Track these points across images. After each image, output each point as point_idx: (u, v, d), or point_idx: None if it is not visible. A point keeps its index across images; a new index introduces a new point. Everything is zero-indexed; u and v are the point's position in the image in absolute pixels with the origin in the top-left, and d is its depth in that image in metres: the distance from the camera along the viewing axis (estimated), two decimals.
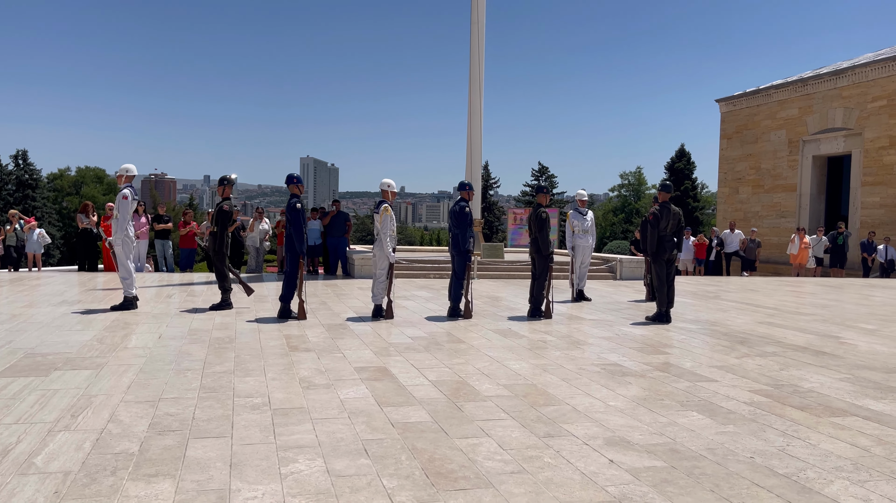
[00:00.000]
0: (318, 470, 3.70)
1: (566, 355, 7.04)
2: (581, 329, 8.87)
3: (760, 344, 7.96)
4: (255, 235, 17.49)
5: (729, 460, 4.00)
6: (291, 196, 9.37)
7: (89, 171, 68.50)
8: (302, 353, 6.80)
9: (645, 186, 64.83)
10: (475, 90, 17.95)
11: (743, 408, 5.12)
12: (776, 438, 4.42)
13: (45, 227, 41.35)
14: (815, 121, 26.17)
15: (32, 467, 3.64)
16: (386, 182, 9.50)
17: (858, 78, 24.53)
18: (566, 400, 5.26)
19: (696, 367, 6.57)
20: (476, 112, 18.03)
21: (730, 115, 30.33)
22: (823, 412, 5.08)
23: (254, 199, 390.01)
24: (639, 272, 16.61)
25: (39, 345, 6.93)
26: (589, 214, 12.25)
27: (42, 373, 5.70)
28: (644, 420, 4.77)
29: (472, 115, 18.12)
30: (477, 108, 18.01)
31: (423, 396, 5.25)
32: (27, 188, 52.22)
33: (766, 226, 27.69)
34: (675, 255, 9.77)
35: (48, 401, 4.88)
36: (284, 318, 9.03)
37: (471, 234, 9.69)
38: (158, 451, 3.92)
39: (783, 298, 13.19)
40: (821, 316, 10.67)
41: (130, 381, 5.51)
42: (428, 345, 7.45)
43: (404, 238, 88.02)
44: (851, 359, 7.18)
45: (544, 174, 61.49)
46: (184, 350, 6.84)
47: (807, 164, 26.73)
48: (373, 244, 9.64)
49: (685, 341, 8.08)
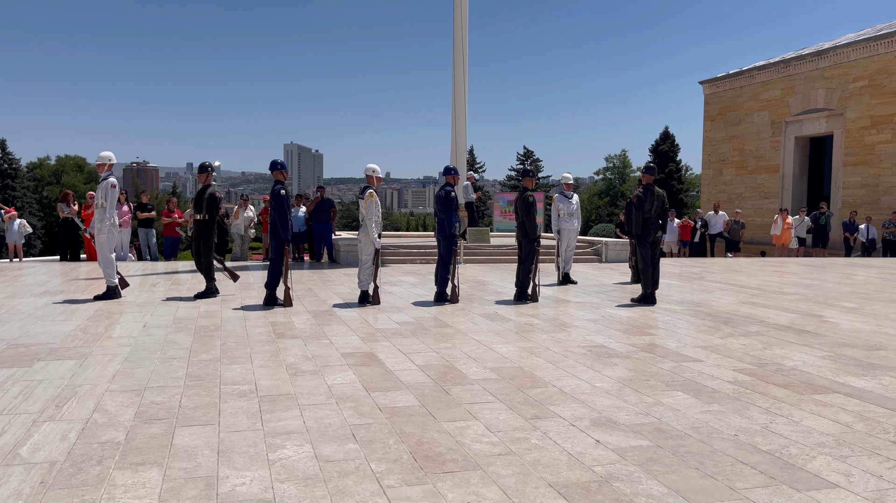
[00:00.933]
0: (306, 455, 3.70)
1: (552, 338, 7.07)
2: (567, 312, 8.91)
3: (744, 324, 8.04)
4: (240, 223, 17.38)
5: (713, 438, 4.05)
6: (276, 183, 9.31)
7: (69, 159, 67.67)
8: (288, 340, 6.79)
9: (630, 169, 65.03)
10: (459, 75, 17.86)
11: (727, 387, 5.17)
12: (760, 416, 4.48)
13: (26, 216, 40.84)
14: (797, 102, 26.31)
15: (18, 458, 3.62)
16: (371, 167, 9.46)
17: (840, 58, 24.67)
18: (553, 382, 5.29)
19: (681, 348, 6.63)
20: (460, 97, 17.95)
21: (713, 97, 30.43)
22: (806, 390, 5.14)
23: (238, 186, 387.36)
24: (624, 255, 16.69)
25: (22, 335, 6.87)
26: (574, 198, 12.27)
27: (25, 364, 5.65)
28: (630, 400, 4.81)
29: (456, 99, 18.05)
30: (461, 93, 17.94)
31: (410, 381, 5.26)
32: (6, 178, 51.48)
33: (750, 207, 27.89)
34: (660, 237, 9.82)
35: (32, 392, 4.84)
36: (270, 306, 9.00)
37: (457, 218, 9.69)
38: (145, 440, 3.90)
39: (766, 278, 13.31)
40: (803, 295, 10.78)
41: (115, 371, 5.48)
42: (415, 330, 7.46)
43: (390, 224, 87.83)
44: (833, 337, 7.27)
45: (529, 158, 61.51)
46: (169, 338, 6.81)
47: (789, 145, 26.91)
48: (358, 230, 9.61)
49: (670, 322, 8.15)
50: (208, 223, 9.71)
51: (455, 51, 17.87)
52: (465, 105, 18.04)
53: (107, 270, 9.42)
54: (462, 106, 18.00)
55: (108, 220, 9.36)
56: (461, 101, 17.97)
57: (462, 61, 17.84)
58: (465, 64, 17.95)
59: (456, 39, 17.84)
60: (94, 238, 9.77)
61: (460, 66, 17.83)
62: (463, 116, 18.03)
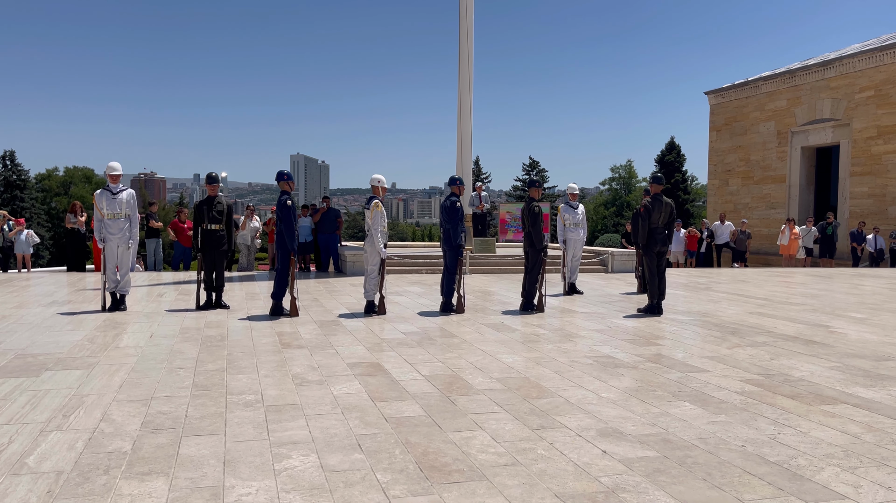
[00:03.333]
0: (311, 465, 3.70)
1: (559, 348, 7.06)
2: (573, 322, 8.89)
3: (751, 334, 8.01)
4: (247, 233, 17.44)
5: (721, 449, 4.03)
6: (282, 193, 9.34)
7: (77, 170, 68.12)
8: (294, 350, 6.80)
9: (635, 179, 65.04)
10: (465, 86, 17.93)
11: (734, 398, 5.15)
12: (767, 427, 4.46)
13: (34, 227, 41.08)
14: (803, 112, 26.29)
15: (25, 467, 3.63)
16: (376, 178, 9.49)
17: (846, 69, 24.65)
18: (559, 392, 5.28)
19: (688, 358, 6.60)
20: (466, 107, 18.02)
21: (719, 108, 30.43)
22: (814, 400, 5.12)
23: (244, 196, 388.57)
24: (630, 265, 16.66)
25: (30, 345, 6.90)
26: (580, 208, 12.27)
27: (33, 374, 5.67)
28: (636, 411, 4.79)
29: (461, 110, 18.11)
30: (467, 104, 18.00)
31: (416, 391, 5.26)
32: (15, 189, 51.85)
33: (756, 217, 27.82)
34: (667, 248, 9.80)
35: (40, 402, 4.86)
36: (276, 316, 9.02)
37: (462, 228, 9.70)
38: (151, 450, 3.91)
39: (773, 289, 13.26)
40: (811, 305, 10.74)
41: (122, 380, 5.49)
42: (421, 340, 7.45)
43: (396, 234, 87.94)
44: (841, 347, 7.24)
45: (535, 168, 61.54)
46: (176, 348, 6.82)
47: (796, 156, 26.86)
48: (364, 240, 9.63)
49: (677, 332, 8.12)
50: (227, 234, 9.75)
51: (461, 61, 17.95)
52: (470, 116, 18.10)
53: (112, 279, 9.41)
54: (468, 117, 18.06)
55: (135, 229, 9.51)
56: (467, 112, 18.04)
57: (468, 72, 17.92)
58: (471, 75, 18.03)
59: (462, 51, 17.93)
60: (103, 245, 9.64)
61: (466, 78, 17.91)
62: (468, 127, 18.08)
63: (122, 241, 9.39)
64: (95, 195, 9.50)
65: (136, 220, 9.56)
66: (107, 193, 9.38)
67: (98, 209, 9.36)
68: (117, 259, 9.41)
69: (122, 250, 9.42)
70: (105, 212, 9.34)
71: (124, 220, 9.39)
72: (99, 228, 9.37)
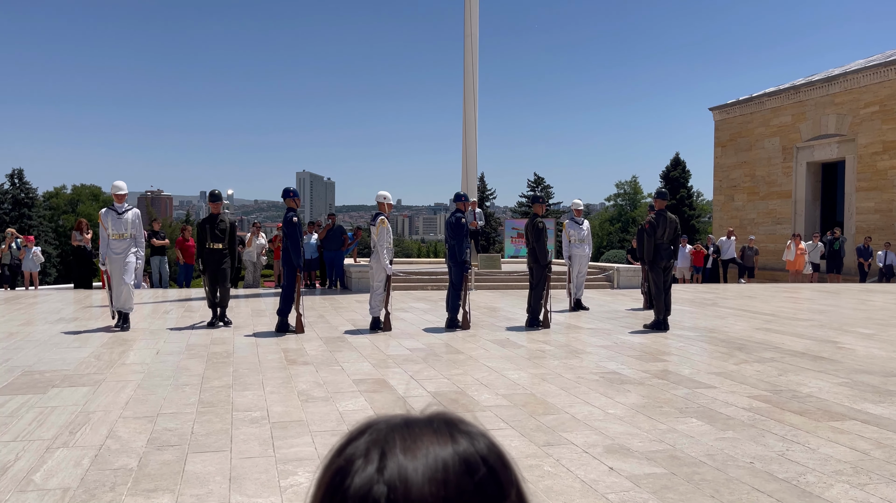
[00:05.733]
0: None
1: (565, 364, 7.04)
2: (579, 338, 8.87)
3: (758, 350, 7.97)
4: (253, 250, 17.50)
5: (729, 466, 4.00)
6: (288, 210, 9.39)
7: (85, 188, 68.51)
8: (300, 367, 6.79)
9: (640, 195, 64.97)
10: (469, 103, 18.04)
11: (742, 414, 5.12)
12: (776, 443, 4.42)
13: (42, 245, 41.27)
14: (808, 127, 26.31)
15: (31, 484, 3.63)
16: (382, 194, 9.52)
17: (850, 84, 24.71)
18: (565, 408, 5.26)
19: (695, 374, 6.57)
20: (471, 124, 18.11)
21: (723, 124, 30.49)
22: (822, 416, 5.08)
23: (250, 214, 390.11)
24: (636, 280, 16.62)
25: (37, 362, 6.91)
26: (585, 224, 12.28)
27: (40, 391, 5.68)
28: (643, 427, 4.77)
29: (466, 127, 18.20)
30: (472, 121, 18.10)
31: (421, 407, 5.23)
32: (23, 207, 52.15)
33: (762, 232, 27.77)
34: (672, 263, 9.79)
35: (46, 419, 4.86)
36: (282, 332, 9.02)
37: (467, 244, 9.71)
38: (157, 466, 3.91)
39: (780, 304, 13.21)
40: (818, 321, 10.68)
41: (128, 397, 5.50)
42: (426, 356, 7.44)
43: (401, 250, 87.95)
44: (849, 363, 7.19)
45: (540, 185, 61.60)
46: (182, 365, 6.83)
47: (801, 171, 26.86)
48: (370, 257, 9.65)
49: (683, 348, 8.09)
50: (230, 252, 9.70)
51: (465, 80, 18.06)
52: (475, 132, 18.18)
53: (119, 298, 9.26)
54: (472, 133, 18.15)
55: (140, 248, 9.42)
56: (471, 129, 18.12)
57: (472, 90, 18.02)
58: (476, 92, 18.13)
59: (466, 69, 18.05)
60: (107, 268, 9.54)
61: (471, 95, 18.01)
62: (473, 144, 18.16)
63: (126, 261, 9.24)
64: (101, 214, 9.34)
65: (142, 239, 9.49)
66: (112, 213, 9.26)
67: (104, 227, 9.21)
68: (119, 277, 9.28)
69: (126, 268, 9.24)
70: (110, 231, 9.19)
71: (129, 241, 9.26)
72: (104, 248, 9.20)
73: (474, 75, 18.05)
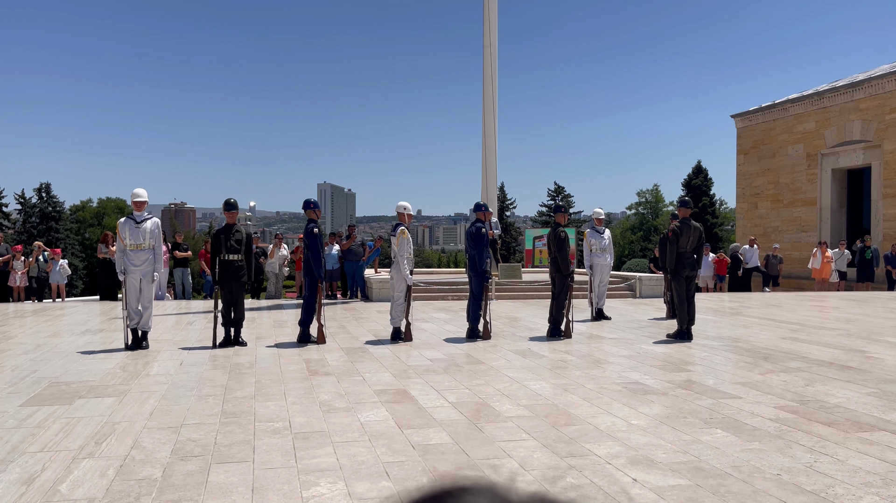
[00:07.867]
0: (339, 493, 3.69)
1: (587, 374, 6.98)
2: (601, 348, 8.80)
3: (784, 359, 7.85)
4: (275, 261, 17.64)
5: (755, 477, 3.93)
6: (309, 221, 9.44)
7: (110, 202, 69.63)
8: (322, 377, 6.81)
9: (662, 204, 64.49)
10: (489, 112, 18.07)
11: (768, 425, 5.04)
12: (803, 454, 4.35)
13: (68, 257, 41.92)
14: (832, 134, 25.97)
15: (57, 495, 3.67)
16: (402, 205, 9.55)
17: (875, 90, 24.36)
18: (588, 419, 5.21)
19: (720, 384, 6.48)
20: (490, 134, 18.13)
21: (746, 131, 30.20)
22: (851, 427, 4.99)
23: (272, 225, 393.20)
24: (658, 290, 16.47)
25: (64, 373, 7.01)
26: (606, 233, 12.22)
27: (66, 402, 5.76)
28: (667, 438, 4.71)
29: (486, 136, 18.22)
30: (491, 130, 18.12)
31: (443, 418, 5.23)
32: (51, 220, 53.08)
33: (787, 241, 27.40)
34: (696, 272, 9.69)
35: (72, 429, 4.92)
36: (304, 343, 9.06)
37: (487, 254, 9.70)
38: (181, 477, 3.93)
39: (806, 313, 13.01)
40: (846, 330, 10.50)
41: (153, 408, 5.55)
42: (447, 366, 7.43)
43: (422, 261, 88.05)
44: (878, 373, 7.06)
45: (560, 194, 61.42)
46: (205, 376, 6.88)
47: (826, 178, 26.49)
48: (390, 267, 9.67)
49: (707, 358, 7.99)
50: (246, 265, 9.13)
51: (485, 89, 18.10)
52: (494, 142, 18.20)
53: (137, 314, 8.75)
54: (492, 143, 18.16)
55: (160, 262, 8.86)
56: (491, 138, 18.14)
57: (492, 99, 18.05)
58: (495, 101, 18.16)
59: (485, 78, 18.09)
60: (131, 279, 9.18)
61: (490, 104, 18.04)
62: (493, 153, 18.17)
63: (144, 274, 8.67)
64: (119, 224, 8.79)
65: (161, 251, 8.90)
66: (130, 222, 8.73)
67: (121, 239, 8.67)
68: (139, 293, 8.68)
69: (144, 283, 8.70)
70: (128, 242, 8.63)
71: (148, 252, 8.68)
72: (121, 259, 8.64)
73: (493, 85, 18.09)
